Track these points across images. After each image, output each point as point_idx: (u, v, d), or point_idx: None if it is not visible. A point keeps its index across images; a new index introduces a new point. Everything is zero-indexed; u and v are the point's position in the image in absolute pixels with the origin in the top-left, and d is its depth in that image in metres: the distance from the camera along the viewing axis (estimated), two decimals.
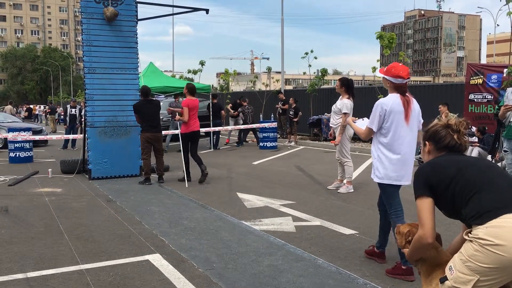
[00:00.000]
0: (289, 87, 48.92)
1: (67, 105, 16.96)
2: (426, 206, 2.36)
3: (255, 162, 11.67)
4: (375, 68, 15.83)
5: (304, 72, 26.79)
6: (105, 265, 4.28)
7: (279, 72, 25.41)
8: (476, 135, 10.42)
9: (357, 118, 4.76)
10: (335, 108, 7.67)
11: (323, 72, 19.58)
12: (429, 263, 2.45)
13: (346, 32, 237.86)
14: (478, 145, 10.12)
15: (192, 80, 26.91)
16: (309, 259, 4.41)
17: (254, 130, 16.76)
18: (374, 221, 5.03)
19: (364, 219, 5.89)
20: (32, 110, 35.22)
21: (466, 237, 2.21)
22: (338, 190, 7.70)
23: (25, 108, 33.06)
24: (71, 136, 14.74)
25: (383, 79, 4.03)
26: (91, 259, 4.44)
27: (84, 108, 10.03)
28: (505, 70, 11.22)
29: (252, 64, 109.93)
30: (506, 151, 6.37)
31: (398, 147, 3.95)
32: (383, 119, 3.95)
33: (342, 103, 7.50)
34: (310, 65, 21.03)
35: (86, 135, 9.41)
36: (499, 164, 7.91)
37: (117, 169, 9.28)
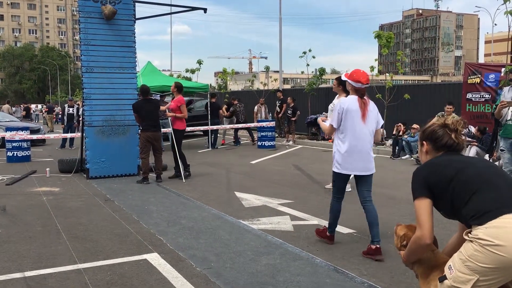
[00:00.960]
0: (287, 86, 48.91)
1: (65, 104, 16.95)
2: (425, 207, 2.34)
3: (253, 161, 11.68)
4: (373, 68, 15.88)
5: (302, 71, 26.82)
6: (103, 264, 4.28)
7: (277, 71, 25.42)
8: (476, 135, 10.42)
9: (328, 118, 5.39)
10: (332, 107, 7.68)
11: (321, 71, 19.59)
12: (426, 265, 2.44)
13: (344, 32, 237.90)
14: (476, 145, 10.14)
15: (190, 79, 26.90)
16: (307, 258, 4.42)
17: (249, 129, 16.78)
18: None
19: (362, 219, 5.86)
20: (29, 109, 35.08)
21: (466, 237, 2.20)
22: None
23: (23, 107, 32.94)
24: (69, 135, 14.72)
25: (347, 82, 4.60)
26: (89, 259, 4.44)
27: (82, 107, 10.02)
28: (503, 69, 11.25)
29: (250, 63, 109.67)
30: (503, 150, 6.34)
31: (352, 142, 4.45)
32: (341, 117, 4.48)
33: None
34: (308, 64, 21.07)
35: (84, 134, 9.40)
36: (497, 163, 7.92)
37: (115, 169, 9.27)
